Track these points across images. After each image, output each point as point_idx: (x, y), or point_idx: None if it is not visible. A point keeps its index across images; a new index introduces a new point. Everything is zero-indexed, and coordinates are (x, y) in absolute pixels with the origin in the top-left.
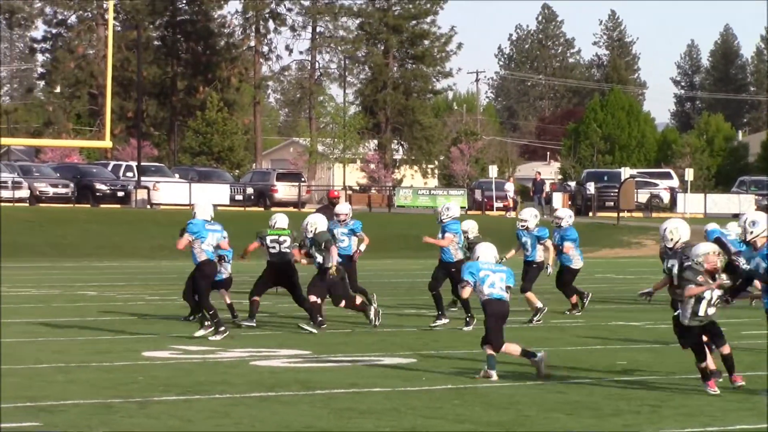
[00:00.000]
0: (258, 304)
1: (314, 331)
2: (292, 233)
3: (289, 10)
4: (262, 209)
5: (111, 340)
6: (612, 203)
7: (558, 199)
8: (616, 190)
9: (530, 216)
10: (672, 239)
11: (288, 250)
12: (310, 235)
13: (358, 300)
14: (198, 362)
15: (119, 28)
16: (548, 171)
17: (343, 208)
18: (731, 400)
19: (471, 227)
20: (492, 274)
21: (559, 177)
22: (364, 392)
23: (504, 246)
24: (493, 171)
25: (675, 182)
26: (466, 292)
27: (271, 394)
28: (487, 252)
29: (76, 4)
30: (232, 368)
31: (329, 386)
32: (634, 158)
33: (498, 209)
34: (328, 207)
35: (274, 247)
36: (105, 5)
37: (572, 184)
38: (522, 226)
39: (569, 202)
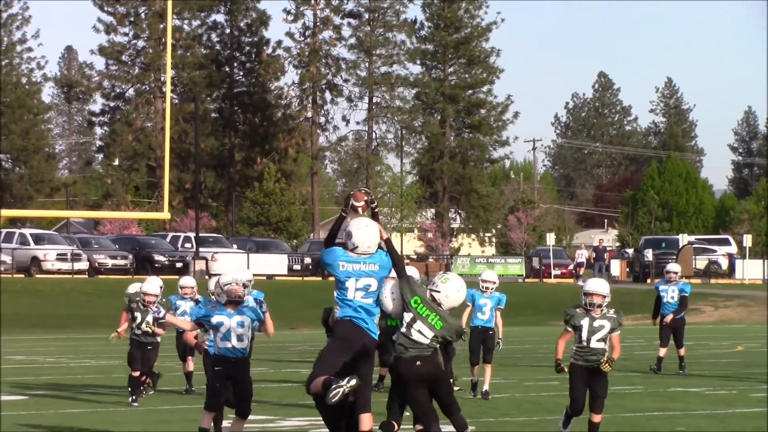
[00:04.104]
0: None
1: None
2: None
3: (346, 80)
4: (320, 279)
5: (171, 410)
6: None
7: (616, 266)
8: (674, 257)
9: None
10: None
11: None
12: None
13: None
14: (257, 431)
15: (176, 101)
16: (606, 238)
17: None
18: None
19: None
20: None
21: (617, 244)
22: None
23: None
24: (550, 239)
25: (733, 248)
26: None
27: None
28: None
29: (134, 77)
30: None
31: None
32: (691, 225)
33: (556, 276)
34: None
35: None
36: (162, 78)
37: (630, 251)
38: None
39: (627, 269)
